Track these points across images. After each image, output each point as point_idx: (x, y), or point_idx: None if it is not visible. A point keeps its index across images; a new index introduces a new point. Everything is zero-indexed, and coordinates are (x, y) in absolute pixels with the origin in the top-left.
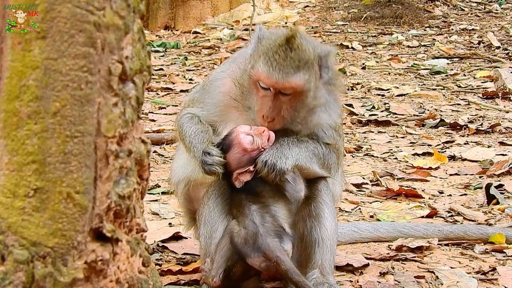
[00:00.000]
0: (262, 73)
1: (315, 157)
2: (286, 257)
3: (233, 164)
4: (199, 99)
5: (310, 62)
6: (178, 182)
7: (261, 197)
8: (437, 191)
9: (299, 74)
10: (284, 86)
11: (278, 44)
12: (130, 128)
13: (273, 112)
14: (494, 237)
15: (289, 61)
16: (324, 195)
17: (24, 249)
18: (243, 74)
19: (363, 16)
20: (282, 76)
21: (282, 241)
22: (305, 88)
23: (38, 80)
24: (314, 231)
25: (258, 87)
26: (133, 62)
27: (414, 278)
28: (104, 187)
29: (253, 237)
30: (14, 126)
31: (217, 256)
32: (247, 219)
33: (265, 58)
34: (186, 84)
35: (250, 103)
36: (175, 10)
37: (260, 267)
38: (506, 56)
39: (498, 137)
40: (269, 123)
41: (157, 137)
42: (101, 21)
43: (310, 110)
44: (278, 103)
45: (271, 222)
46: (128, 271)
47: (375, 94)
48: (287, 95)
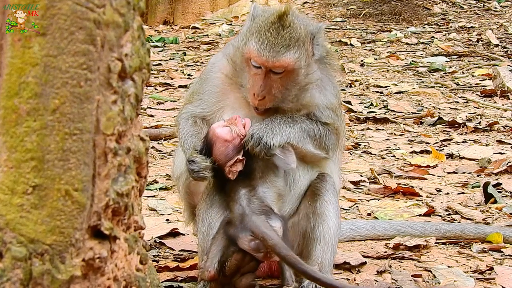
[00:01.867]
0: (254, 51)
1: (309, 137)
2: (273, 232)
3: (222, 158)
4: (198, 90)
5: (301, 39)
6: (179, 176)
7: (252, 179)
8: (434, 189)
9: (290, 52)
10: (275, 65)
11: (270, 21)
12: (129, 126)
13: (263, 91)
14: (492, 236)
15: (280, 39)
16: (330, 195)
17: (22, 246)
18: (236, 51)
19: (362, 13)
20: (273, 54)
21: (270, 219)
22: (296, 66)
23: (37, 77)
24: (317, 229)
25: (250, 65)
26: (132, 60)
27: (411, 276)
28: (102, 185)
29: (239, 218)
30: (13, 123)
31: (213, 248)
32: (236, 203)
33: (257, 36)
34: (184, 79)
35: (242, 81)
36: (174, 5)
37: (250, 247)
38: (504, 54)
39: (496, 136)
40: (259, 101)
41: (155, 133)
42: (101, 18)
43: (302, 88)
44: (269, 82)
45: (257, 203)
46: (126, 269)
47: (374, 91)
48: (279, 74)
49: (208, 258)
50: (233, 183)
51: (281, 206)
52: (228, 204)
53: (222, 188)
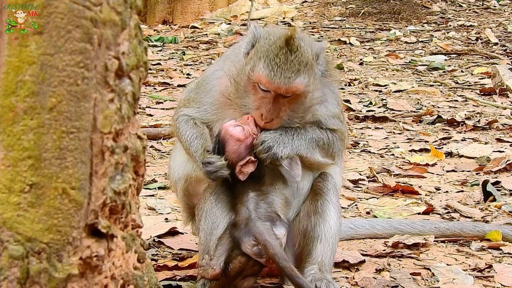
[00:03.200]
0: (264, 77)
1: (318, 147)
2: (275, 241)
3: (234, 157)
4: (195, 99)
5: (309, 63)
6: (177, 180)
7: (261, 185)
8: (433, 187)
9: (300, 77)
10: (286, 91)
11: (278, 46)
12: (126, 124)
13: (272, 114)
14: (491, 234)
15: (290, 65)
16: (331, 195)
17: (19, 245)
18: (240, 73)
19: (361, 11)
20: (284, 81)
21: (275, 226)
22: (305, 90)
23: (34, 75)
24: (317, 228)
25: (257, 89)
26: (129, 58)
27: (410, 275)
28: (99, 183)
29: (245, 222)
30: (10, 121)
31: (219, 247)
32: (243, 206)
33: (266, 61)
34: (183, 79)
35: (245, 101)
36: (173, 5)
37: (252, 252)
38: (503, 53)
39: (495, 134)
40: (266, 123)
41: (154, 132)
42: (98, 16)
43: (308, 109)
44: (277, 105)
45: (264, 208)
46: (123, 267)
47: (373, 90)
48: (287, 97)
49: (214, 256)
50: (242, 185)
51: (287, 212)
52: (235, 205)
53: (228, 188)
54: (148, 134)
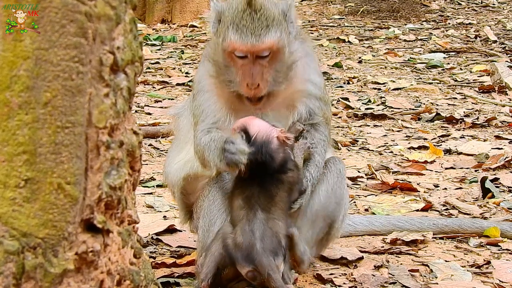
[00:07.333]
0: (235, 42)
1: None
2: (277, 275)
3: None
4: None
5: (276, 18)
6: (175, 184)
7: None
8: (432, 184)
9: (270, 32)
10: (260, 48)
11: (242, 9)
12: (121, 119)
13: (256, 78)
14: (489, 231)
15: (258, 23)
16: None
17: (14, 240)
18: (215, 51)
19: (359, 10)
20: (256, 38)
21: (277, 258)
22: (280, 45)
23: (29, 70)
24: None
25: (234, 58)
26: (124, 53)
27: (408, 271)
28: (95, 178)
29: (248, 248)
30: (5, 116)
31: (208, 260)
32: (248, 226)
33: (233, 27)
34: (182, 77)
35: (230, 77)
36: (171, 4)
37: (247, 276)
38: (502, 50)
39: (494, 131)
40: (255, 90)
41: (152, 130)
42: (92, 11)
43: (290, 67)
44: (258, 68)
45: (271, 238)
46: (119, 263)
47: (371, 88)
48: (265, 57)
49: (202, 271)
50: (251, 194)
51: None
52: (238, 219)
53: (225, 187)
54: (146, 133)
